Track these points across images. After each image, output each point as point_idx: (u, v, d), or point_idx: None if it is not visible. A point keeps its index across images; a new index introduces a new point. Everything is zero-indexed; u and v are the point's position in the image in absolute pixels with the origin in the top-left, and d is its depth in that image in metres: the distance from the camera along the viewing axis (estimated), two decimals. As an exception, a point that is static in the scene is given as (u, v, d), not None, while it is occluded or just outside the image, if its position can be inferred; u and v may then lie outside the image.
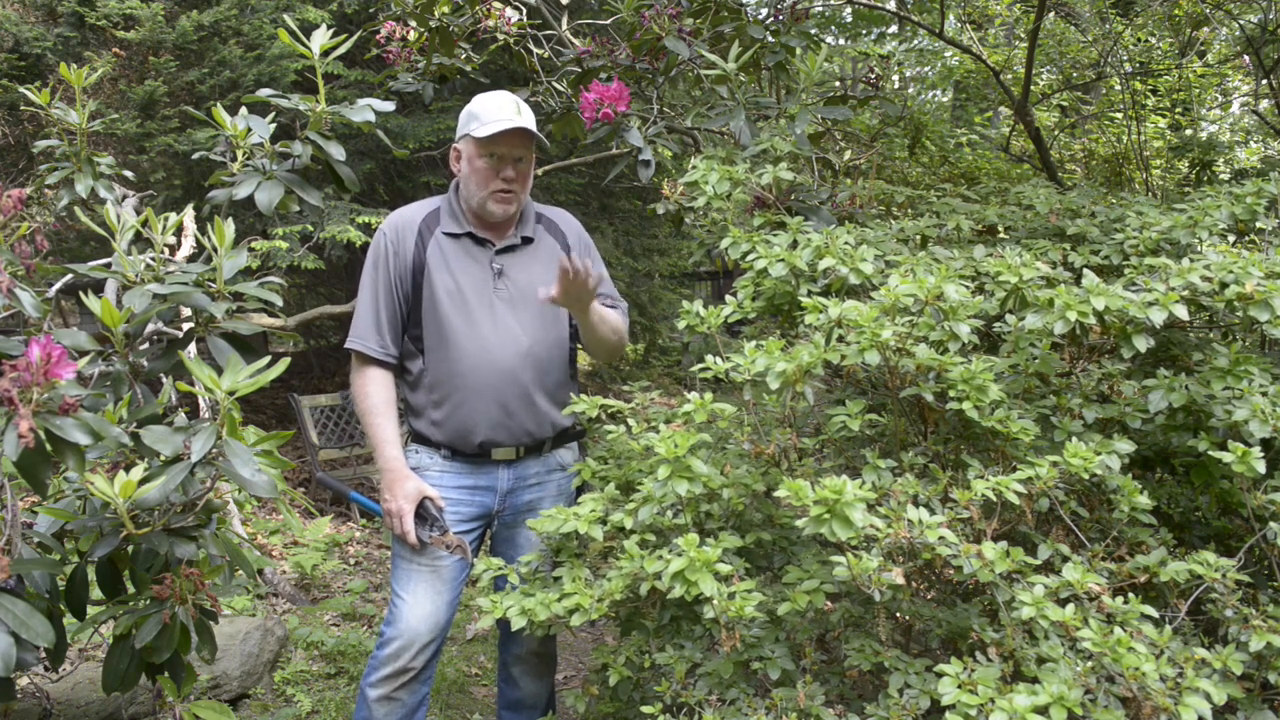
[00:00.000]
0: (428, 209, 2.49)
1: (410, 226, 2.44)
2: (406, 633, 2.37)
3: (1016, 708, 1.44)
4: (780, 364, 1.85)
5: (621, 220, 8.35)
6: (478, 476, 2.45)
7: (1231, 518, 2.07)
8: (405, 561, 2.42)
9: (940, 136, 5.45)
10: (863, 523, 1.61)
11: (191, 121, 5.41)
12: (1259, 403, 1.77)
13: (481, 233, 2.44)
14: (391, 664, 2.38)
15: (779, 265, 2.16)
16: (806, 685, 1.72)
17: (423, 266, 2.40)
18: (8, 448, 1.44)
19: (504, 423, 2.40)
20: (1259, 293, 1.83)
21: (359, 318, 2.43)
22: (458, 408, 2.39)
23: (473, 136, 2.37)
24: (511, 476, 2.47)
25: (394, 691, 2.39)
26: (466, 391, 2.38)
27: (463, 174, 2.44)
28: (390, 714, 2.41)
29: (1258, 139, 6.61)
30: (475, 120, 2.39)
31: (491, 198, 2.39)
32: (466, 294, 2.39)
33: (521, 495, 2.50)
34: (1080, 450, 1.74)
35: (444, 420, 2.40)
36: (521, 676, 2.60)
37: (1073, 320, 1.81)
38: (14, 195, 2.13)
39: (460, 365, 2.37)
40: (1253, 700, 1.68)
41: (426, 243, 2.42)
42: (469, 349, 2.37)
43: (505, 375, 2.38)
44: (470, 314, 2.38)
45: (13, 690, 1.77)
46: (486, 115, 2.37)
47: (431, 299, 2.39)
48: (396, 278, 2.41)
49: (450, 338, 2.38)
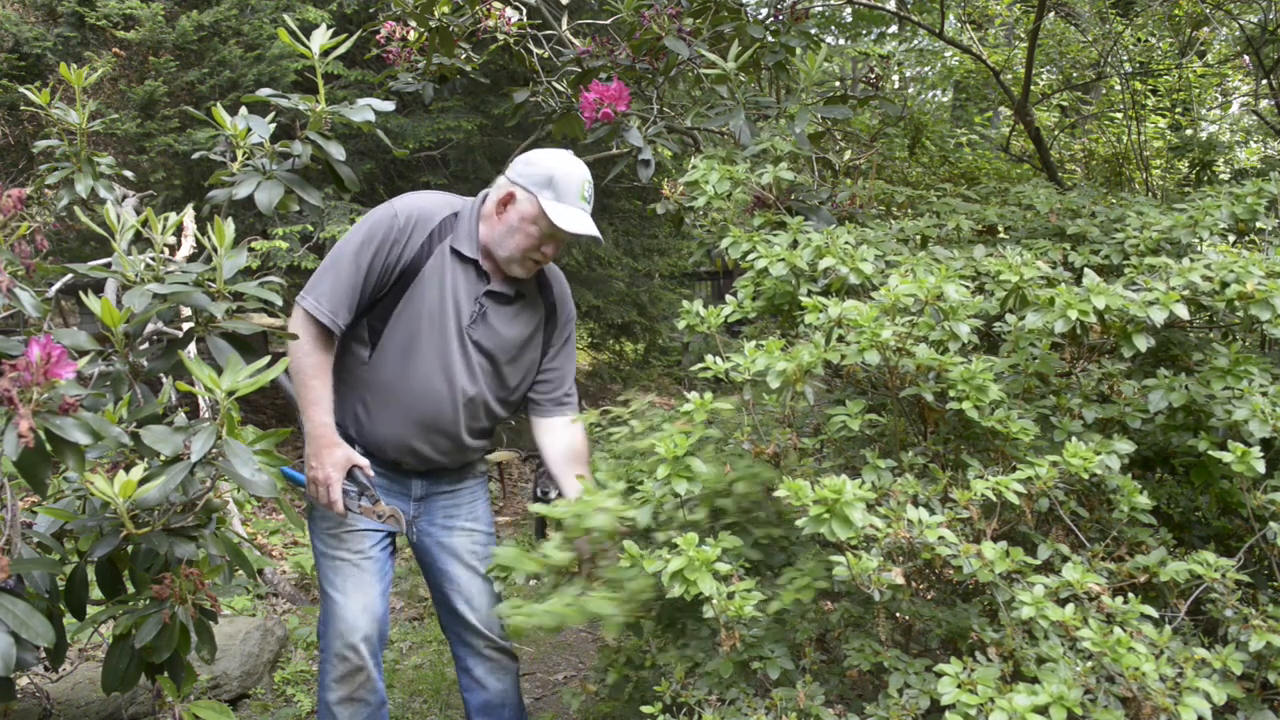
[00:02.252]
0: (448, 210, 2.38)
1: (425, 224, 2.33)
2: (346, 631, 2.34)
3: (1016, 707, 1.44)
4: (780, 363, 1.85)
5: (621, 220, 8.35)
6: (390, 480, 2.42)
7: (1231, 518, 2.07)
8: (329, 558, 2.38)
9: (940, 136, 5.44)
10: (862, 522, 1.61)
11: (191, 121, 5.41)
12: (1259, 402, 1.77)
13: (485, 265, 2.36)
14: (341, 665, 2.35)
15: (779, 265, 2.16)
16: (806, 685, 1.72)
17: (418, 271, 2.31)
18: (8, 447, 1.44)
19: (420, 450, 2.38)
20: (1259, 292, 1.83)
21: (329, 282, 2.27)
22: (384, 418, 2.35)
23: (543, 208, 2.27)
24: (424, 484, 2.47)
25: (354, 692, 2.37)
26: (403, 411, 2.34)
27: (506, 220, 2.32)
28: (355, 715, 2.39)
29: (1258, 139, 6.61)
30: (552, 190, 2.29)
31: (521, 263, 2.33)
32: (446, 320, 2.32)
33: (435, 502, 2.49)
34: (1080, 450, 1.74)
35: (368, 421, 2.37)
36: (486, 676, 2.55)
37: (1073, 319, 1.81)
38: (14, 195, 2.13)
39: (409, 384, 2.32)
40: (1253, 700, 1.68)
41: (433, 248, 2.33)
42: (422, 372, 2.32)
43: (444, 414, 2.35)
44: (443, 341, 2.32)
45: (13, 690, 1.77)
46: (566, 194, 2.29)
47: (412, 308, 2.31)
48: (385, 266, 2.30)
49: (412, 355, 2.32)
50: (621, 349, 9.91)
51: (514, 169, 2.38)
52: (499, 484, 6.94)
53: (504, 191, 2.35)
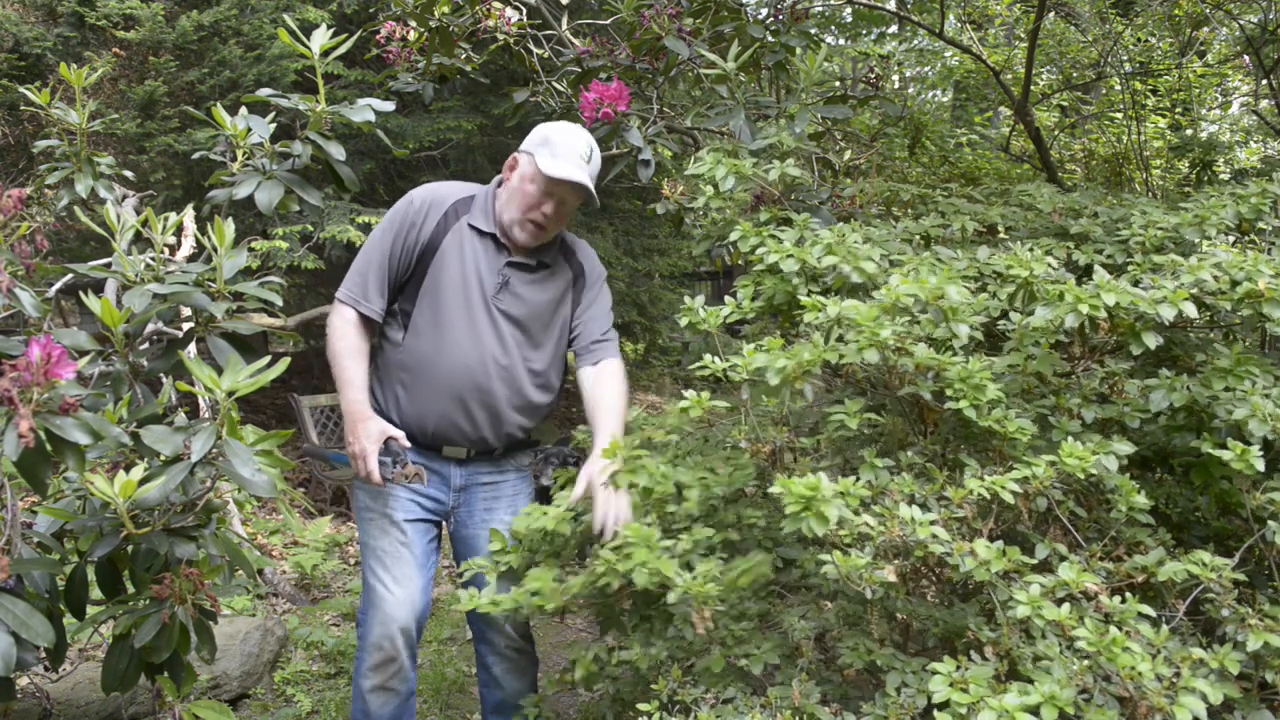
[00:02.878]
0: (463, 193, 2.47)
1: (440, 205, 2.42)
2: (386, 621, 2.37)
3: (1007, 706, 1.44)
4: (780, 361, 1.85)
5: (621, 220, 8.35)
6: (430, 466, 2.44)
7: (1230, 518, 2.07)
8: (374, 548, 2.42)
9: (940, 136, 5.44)
10: (838, 518, 1.62)
11: (191, 121, 5.42)
12: (1260, 403, 1.77)
13: (504, 239, 2.43)
14: (377, 653, 2.38)
15: (790, 261, 2.15)
16: (802, 684, 1.73)
17: (436, 249, 2.39)
18: (8, 447, 1.44)
19: (461, 424, 2.40)
20: (1270, 290, 1.84)
21: (359, 272, 2.41)
22: (424, 394, 2.39)
23: (537, 164, 2.35)
24: (463, 473, 2.48)
25: (387, 681, 2.40)
26: (438, 384, 2.38)
27: (510, 184, 2.42)
28: (385, 704, 2.42)
29: (1258, 139, 6.61)
30: (547, 147, 2.37)
31: (522, 224, 2.38)
32: (470, 292, 2.39)
33: (476, 492, 2.50)
34: (1076, 450, 1.74)
35: (408, 401, 2.40)
36: (504, 676, 2.57)
37: (1084, 314, 1.81)
38: (14, 195, 2.14)
39: (441, 358, 2.37)
40: (1250, 700, 1.68)
41: (449, 227, 2.41)
42: (453, 344, 2.37)
43: (478, 380, 2.38)
44: (469, 312, 2.38)
45: (13, 690, 1.77)
46: (560, 149, 2.36)
47: (436, 282, 2.38)
48: (405, 246, 2.39)
49: (441, 329, 2.37)
50: (621, 349, 9.89)
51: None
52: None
53: (509, 162, 2.45)
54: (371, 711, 2.42)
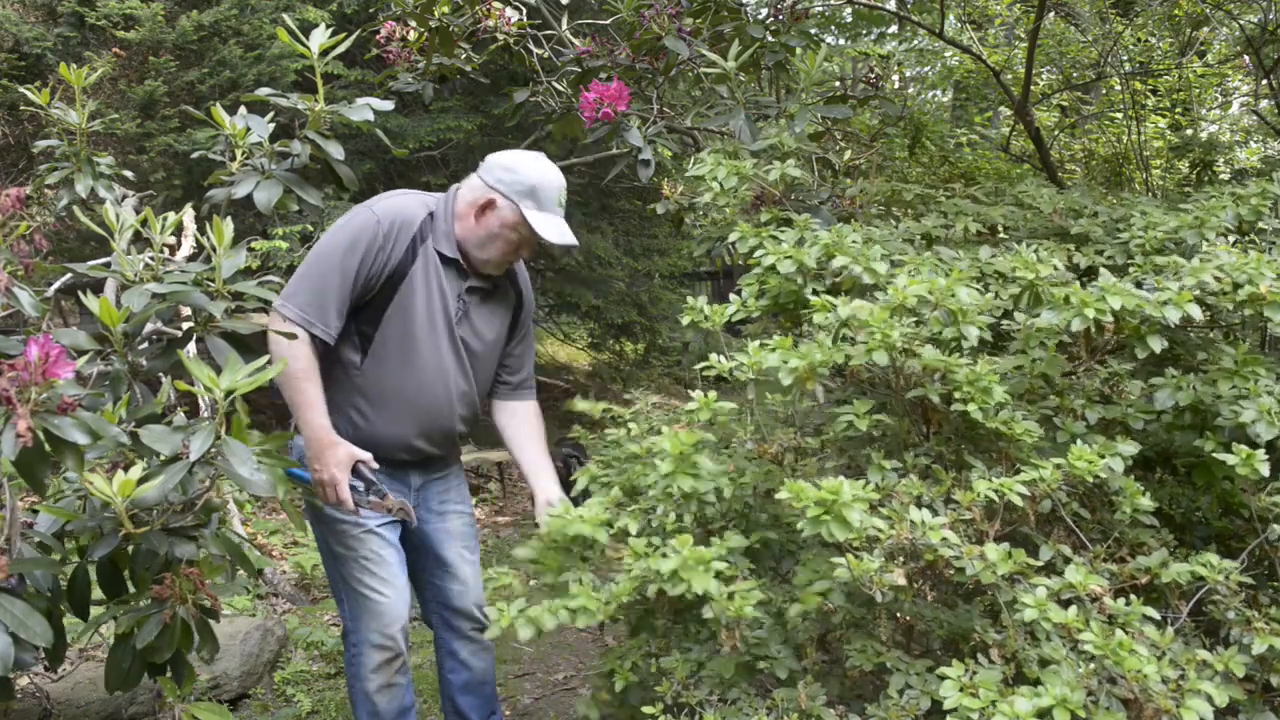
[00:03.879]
0: (424, 210, 2.39)
1: (408, 227, 2.34)
2: (388, 623, 2.41)
3: (1018, 711, 1.43)
4: (793, 361, 1.84)
5: (621, 220, 8.35)
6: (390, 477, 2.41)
7: (1234, 519, 2.06)
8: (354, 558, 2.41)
9: (940, 136, 5.43)
10: (860, 523, 1.60)
11: (191, 121, 5.41)
12: (1266, 403, 1.77)
13: (465, 264, 2.41)
14: (380, 654, 2.42)
15: (787, 262, 2.15)
16: (808, 685, 1.72)
17: (405, 274, 2.33)
18: (6, 447, 1.44)
19: (420, 448, 2.45)
20: (1272, 293, 1.84)
21: (313, 291, 2.25)
22: (385, 421, 2.39)
23: (525, 218, 2.32)
24: (420, 475, 2.54)
25: (392, 677, 2.45)
26: (402, 413, 2.39)
27: (485, 223, 2.36)
28: (392, 699, 2.46)
29: (1258, 139, 6.60)
30: (533, 199, 2.33)
31: (498, 266, 2.42)
32: (436, 320, 2.37)
33: (432, 489, 2.57)
34: (1084, 452, 1.73)
35: (365, 425, 2.38)
36: (472, 657, 2.62)
37: (1090, 317, 1.81)
38: (14, 195, 2.13)
39: (406, 384, 2.37)
40: (1254, 702, 1.67)
41: (416, 251, 2.35)
42: (420, 373, 2.37)
43: (441, 408, 2.42)
44: (435, 341, 2.38)
45: (12, 690, 1.77)
46: (546, 202, 2.34)
47: (404, 310, 2.33)
48: (371, 272, 2.29)
49: (408, 358, 2.36)
50: (621, 349, 9.91)
51: (490, 173, 2.39)
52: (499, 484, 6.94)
53: (482, 196, 2.36)
54: (380, 710, 2.45)
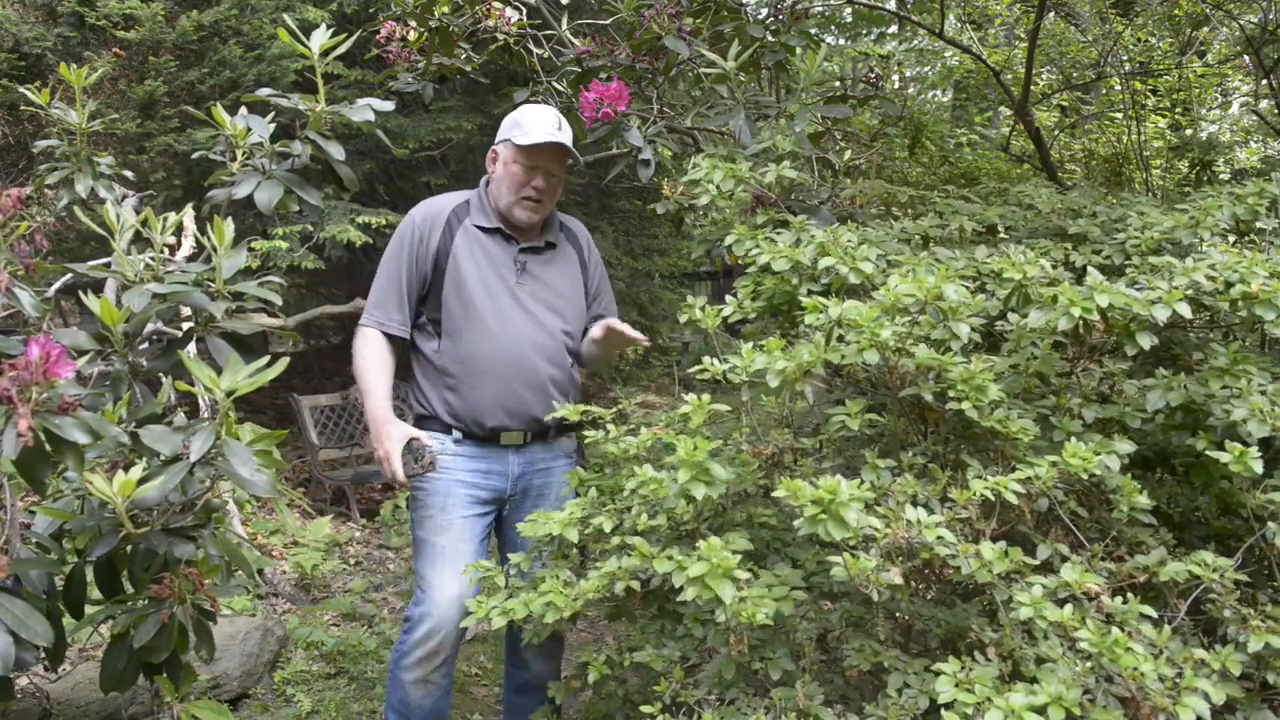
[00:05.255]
0: (458, 200, 2.60)
1: (440, 215, 2.55)
2: (436, 614, 2.42)
3: (1013, 707, 1.44)
4: (780, 362, 1.85)
5: (621, 220, 8.35)
6: (489, 461, 2.52)
7: (1231, 517, 2.07)
8: (427, 543, 2.49)
9: (940, 136, 5.43)
10: (857, 522, 1.60)
11: (191, 121, 5.41)
12: (1258, 402, 1.77)
13: (509, 230, 2.56)
14: (423, 646, 2.43)
15: (782, 261, 2.17)
16: (806, 685, 1.72)
17: (448, 253, 2.51)
18: (6, 447, 1.44)
19: (515, 408, 2.50)
20: (1264, 292, 1.84)
21: (378, 294, 2.53)
22: (474, 390, 2.48)
23: (513, 143, 2.49)
24: (520, 461, 2.56)
25: (430, 674, 2.46)
26: (484, 374, 2.47)
27: (496, 175, 2.56)
28: (426, 696, 2.48)
29: (1258, 139, 6.60)
30: (518, 128, 2.50)
31: (519, 204, 2.52)
32: (492, 286, 2.50)
33: (531, 480, 2.59)
34: (1079, 450, 1.73)
35: (459, 401, 2.49)
36: (533, 658, 2.65)
37: (1076, 316, 1.81)
38: (14, 195, 2.13)
39: (480, 349, 2.47)
40: (1252, 701, 1.67)
41: (455, 231, 2.53)
42: (491, 335, 2.48)
43: (522, 363, 2.49)
44: (496, 301, 2.49)
45: (12, 690, 1.77)
46: (530, 125, 2.49)
47: (457, 284, 2.49)
48: (417, 261, 2.51)
49: (475, 322, 2.48)
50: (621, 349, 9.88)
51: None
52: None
53: (489, 157, 2.61)
54: (412, 702, 2.48)
